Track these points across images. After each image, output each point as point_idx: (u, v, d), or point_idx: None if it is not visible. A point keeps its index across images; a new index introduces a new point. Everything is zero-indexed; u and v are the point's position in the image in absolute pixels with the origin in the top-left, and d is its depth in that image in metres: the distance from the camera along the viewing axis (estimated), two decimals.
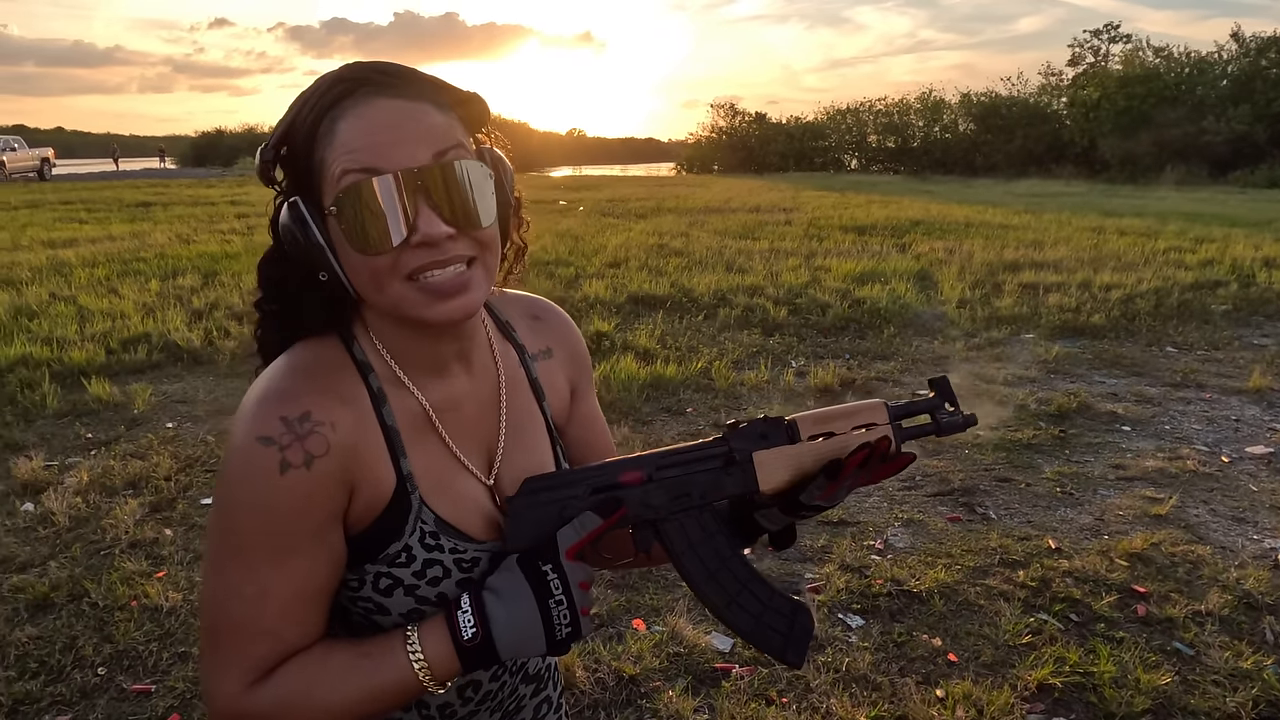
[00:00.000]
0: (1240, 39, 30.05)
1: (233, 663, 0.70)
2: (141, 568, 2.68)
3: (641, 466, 0.76)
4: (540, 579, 0.71)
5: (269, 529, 0.69)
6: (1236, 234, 10.63)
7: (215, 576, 0.70)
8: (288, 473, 0.68)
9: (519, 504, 0.75)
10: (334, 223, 0.68)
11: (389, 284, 0.68)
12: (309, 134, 0.68)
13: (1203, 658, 2.25)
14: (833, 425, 0.77)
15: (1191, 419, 4.22)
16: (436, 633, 0.71)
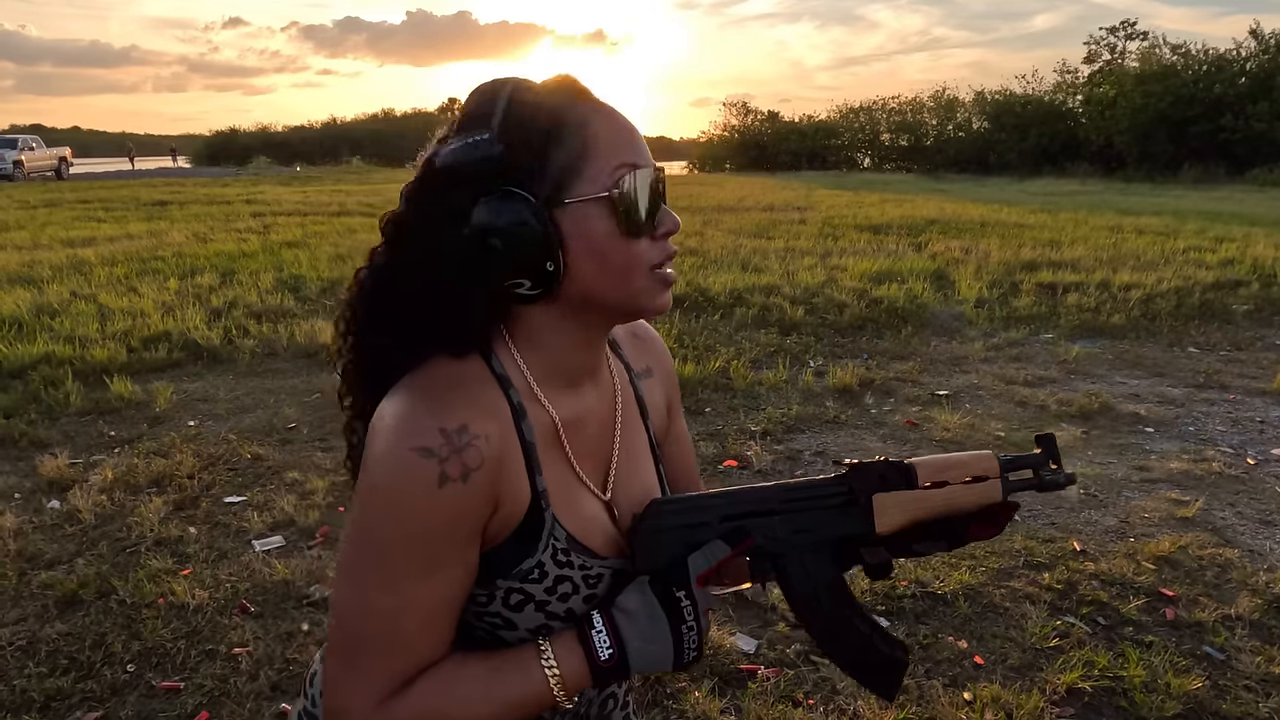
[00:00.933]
0: (1259, 36, 29.69)
1: (368, 677, 0.69)
2: (167, 565, 2.70)
3: (768, 499, 0.79)
4: (674, 604, 0.73)
5: (419, 543, 0.68)
6: (1256, 233, 10.52)
7: (355, 588, 0.69)
8: (445, 486, 0.68)
9: (649, 525, 0.77)
10: (590, 212, 0.70)
11: (637, 274, 0.72)
12: (547, 133, 0.70)
13: (1233, 662, 2.23)
14: (948, 474, 0.81)
15: (1215, 420, 4.18)
16: (570, 649, 0.73)
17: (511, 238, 0.69)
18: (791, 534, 0.79)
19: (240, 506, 3.17)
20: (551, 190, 0.70)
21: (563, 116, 0.71)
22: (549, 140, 0.70)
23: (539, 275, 0.70)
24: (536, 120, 0.70)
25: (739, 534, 0.77)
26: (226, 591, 2.57)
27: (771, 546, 0.78)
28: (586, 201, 0.70)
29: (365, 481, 0.69)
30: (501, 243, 0.69)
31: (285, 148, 50.77)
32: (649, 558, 0.75)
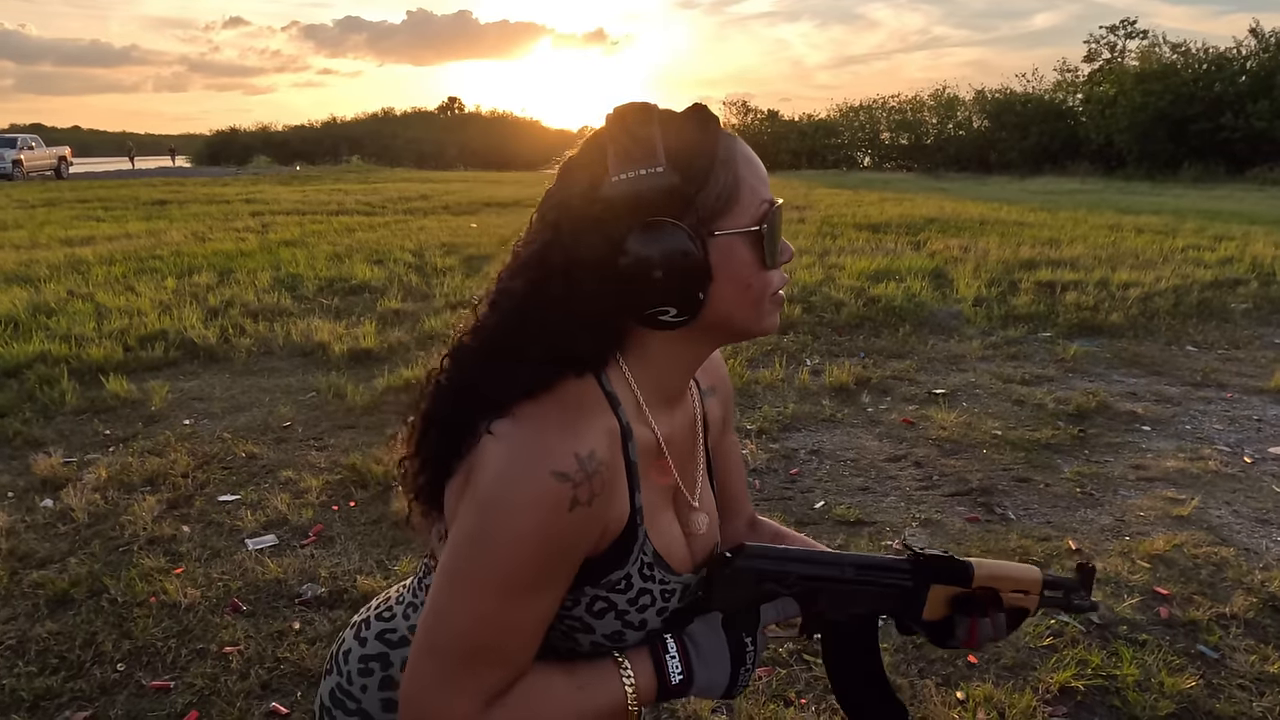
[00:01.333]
0: (1259, 34, 29.66)
1: (470, 687, 0.70)
2: (160, 564, 2.69)
3: (844, 569, 0.86)
4: (740, 648, 0.80)
5: (542, 561, 0.70)
6: (1255, 232, 10.51)
7: (467, 601, 0.69)
8: (575, 510, 0.69)
9: (738, 566, 0.82)
10: (737, 244, 0.73)
11: (764, 300, 0.77)
12: (706, 164, 0.72)
13: (1227, 661, 2.22)
14: (999, 583, 0.88)
15: (1213, 419, 4.17)
16: (645, 668, 0.77)
17: (672, 269, 0.70)
18: (851, 605, 0.86)
19: (234, 505, 3.16)
20: (701, 221, 0.72)
21: (715, 150, 0.73)
22: (706, 173, 0.72)
23: (688, 304, 0.72)
24: (694, 153, 0.72)
25: (808, 597, 0.83)
26: (218, 590, 2.56)
27: (832, 613, 0.85)
28: (735, 235, 0.73)
29: (490, 494, 0.68)
30: (663, 273, 0.70)
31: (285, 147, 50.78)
32: (727, 597, 0.81)
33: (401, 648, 0.85)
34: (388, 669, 0.84)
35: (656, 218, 0.70)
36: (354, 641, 0.88)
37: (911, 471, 3.52)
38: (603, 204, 0.70)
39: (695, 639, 0.79)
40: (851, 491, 3.33)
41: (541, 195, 0.79)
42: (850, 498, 3.26)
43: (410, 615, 0.86)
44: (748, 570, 0.82)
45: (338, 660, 0.88)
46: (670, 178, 0.70)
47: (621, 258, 0.70)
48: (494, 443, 0.70)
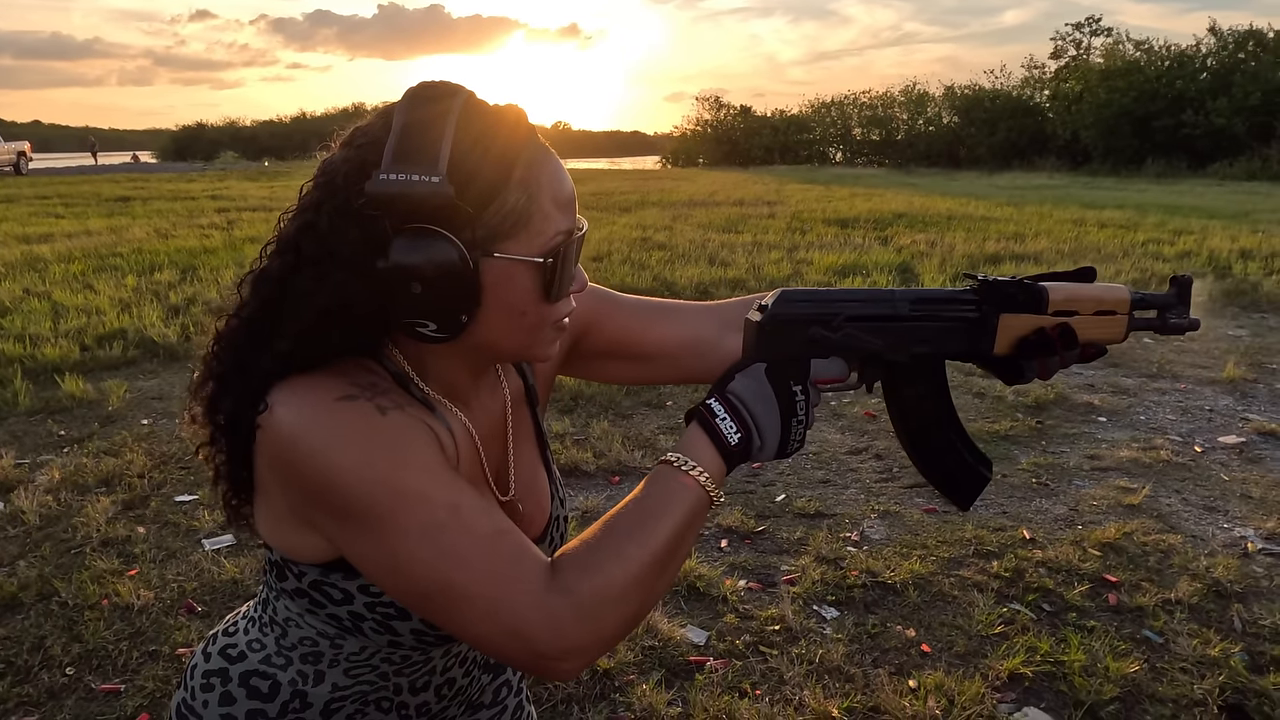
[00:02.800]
0: (1218, 33, 30.29)
1: (503, 576, 0.63)
2: (113, 566, 2.65)
3: (898, 304, 0.76)
4: (789, 397, 0.73)
5: (405, 459, 0.65)
6: (1214, 226, 10.74)
7: (400, 539, 0.63)
8: (388, 414, 0.66)
9: (777, 313, 0.74)
10: (518, 270, 0.68)
11: (543, 329, 0.72)
12: (498, 179, 0.66)
13: (1171, 645, 2.27)
14: (1078, 305, 0.79)
15: (1166, 409, 4.26)
16: (701, 446, 0.71)
17: (433, 285, 0.64)
18: (909, 343, 0.76)
19: (191, 505, 3.12)
20: (483, 236, 0.66)
21: (512, 165, 0.67)
22: (496, 189, 0.66)
23: (449, 325, 0.67)
24: (486, 165, 0.65)
25: (860, 344, 0.75)
26: (173, 591, 2.53)
27: (890, 354, 0.76)
28: (517, 261, 0.67)
29: (300, 451, 0.64)
30: (422, 288, 0.64)
31: (254, 142, 50.10)
32: (769, 348, 0.73)
33: (240, 663, 0.81)
34: (227, 684, 0.81)
35: (425, 225, 0.63)
36: (200, 656, 0.85)
37: (872, 464, 3.56)
38: (366, 199, 0.63)
39: (738, 392, 0.72)
40: (813, 484, 3.36)
41: None
42: (811, 490, 3.29)
43: (251, 630, 0.82)
44: (787, 317, 0.73)
45: (186, 674, 0.86)
46: (443, 191, 0.63)
47: (380, 261, 0.64)
48: (275, 410, 0.65)
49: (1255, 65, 28.18)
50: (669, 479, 0.69)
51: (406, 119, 0.65)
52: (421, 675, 0.83)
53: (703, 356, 0.91)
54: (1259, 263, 8.03)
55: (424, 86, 0.67)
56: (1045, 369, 0.78)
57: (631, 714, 2.01)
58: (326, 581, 0.73)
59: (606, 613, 0.64)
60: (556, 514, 0.88)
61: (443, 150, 0.63)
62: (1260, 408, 4.28)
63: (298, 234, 0.68)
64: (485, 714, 0.95)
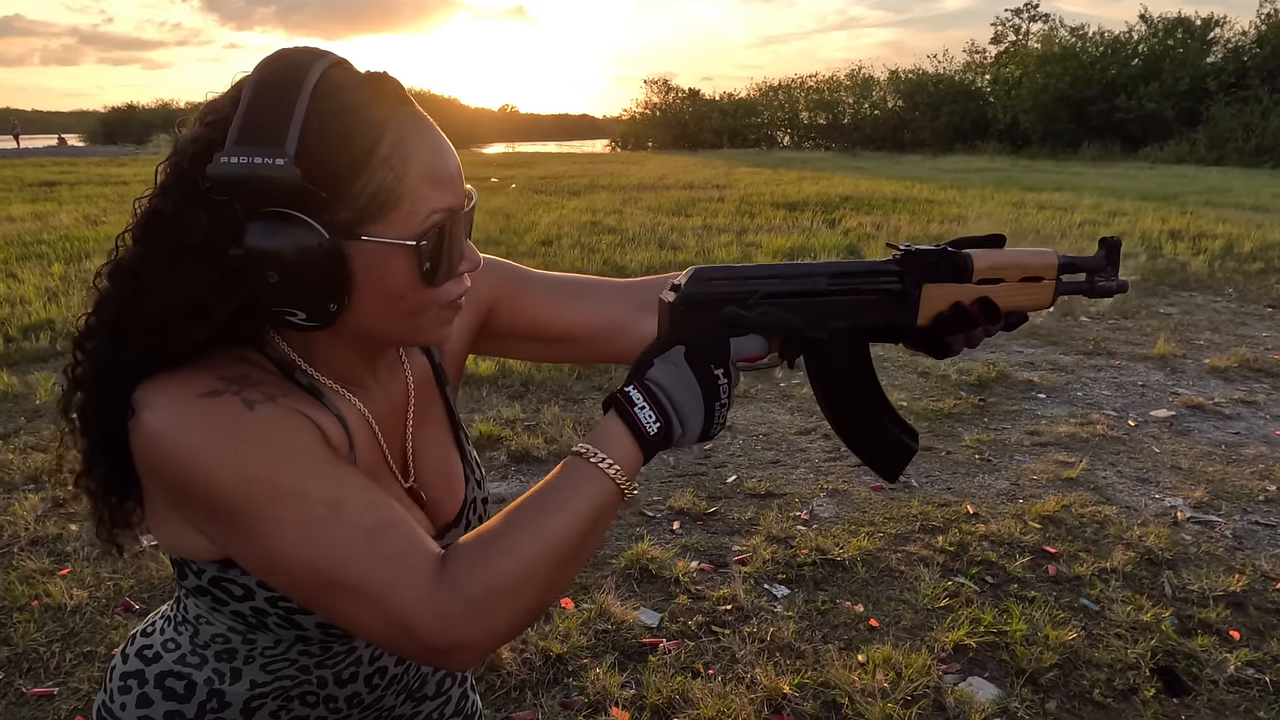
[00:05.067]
0: (1149, 20, 31.24)
1: (388, 571, 0.61)
2: (43, 565, 2.55)
3: (816, 279, 0.74)
4: (711, 380, 0.70)
5: (277, 454, 0.62)
6: (1146, 208, 11.11)
7: (277, 538, 0.61)
8: (256, 409, 0.63)
9: (690, 293, 0.71)
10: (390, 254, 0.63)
11: (427, 312, 0.68)
12: (355, 160, 0.61)
13: (1107, 613, 2.36)
14: (1004, 272, 0.77)
15: (1102, 385, 4.41)
16: (615, 435, 0.67)
17: (293, 273, 0.60)
18: (830, 317, 0.74)
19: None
20: (347, 219, 0.61)
21: (377, 139, 0.61)
22: (356, 169, 0.61)
23: (318, 313, 0.63)
24: (345, 143, 0.60)
25: (778, 323, 0.73)
26: (109, 590, 2.44)
27: (810, 331, 0.74)
28: (387, 244, 0.63)
29: (172, 455, 0.61)
30: (280, 276, 0.60)
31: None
32: (685, 329, 0.71)
33: (155, 663, 0.79)
34: (143, 686, 0.78)
35: (279, 210, 0.59)
36: (120, 657, 0.83)
37: (821, 444, 3.61)
38: (211, 181, 0.59)
39: (658, 380, 0.69)
40: (763, 465, 3.39)
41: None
42: (761, 471, 3.32)
43: (167, 629, 0.80)
44: (701, 296, 0.70)
45: (106, 676, 0.83)
46: (290, 174, 0.58)
47: (232, 248, 0.59)
48: (141, 412, 0.62)
49: (1183, 52, 29.16)
50: (577, 470, 0.66)
51: (254, 94, 0.60)
52: (347, 666, 0.80)
53: (617, 338, 0.89)
54: (1187, 243, 8.33)
55: (278, 56, 0.62)
56: (971, 340, 0.77)
57: (585, 698, 2.01)
58: (225, 578, 0.71)
59: (498, 606, 0.62)
60: (473, 497, 0.86)
61: (292, 128, 0.59)
62: (1189, 382, 4.45)
63: (147, 221, 0.64)
64: (430, 705, 0.93)
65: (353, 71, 0.64)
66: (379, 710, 0.86)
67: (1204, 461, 3.41)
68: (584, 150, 44.39)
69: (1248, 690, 2.05)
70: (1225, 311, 6.03)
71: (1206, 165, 22.38)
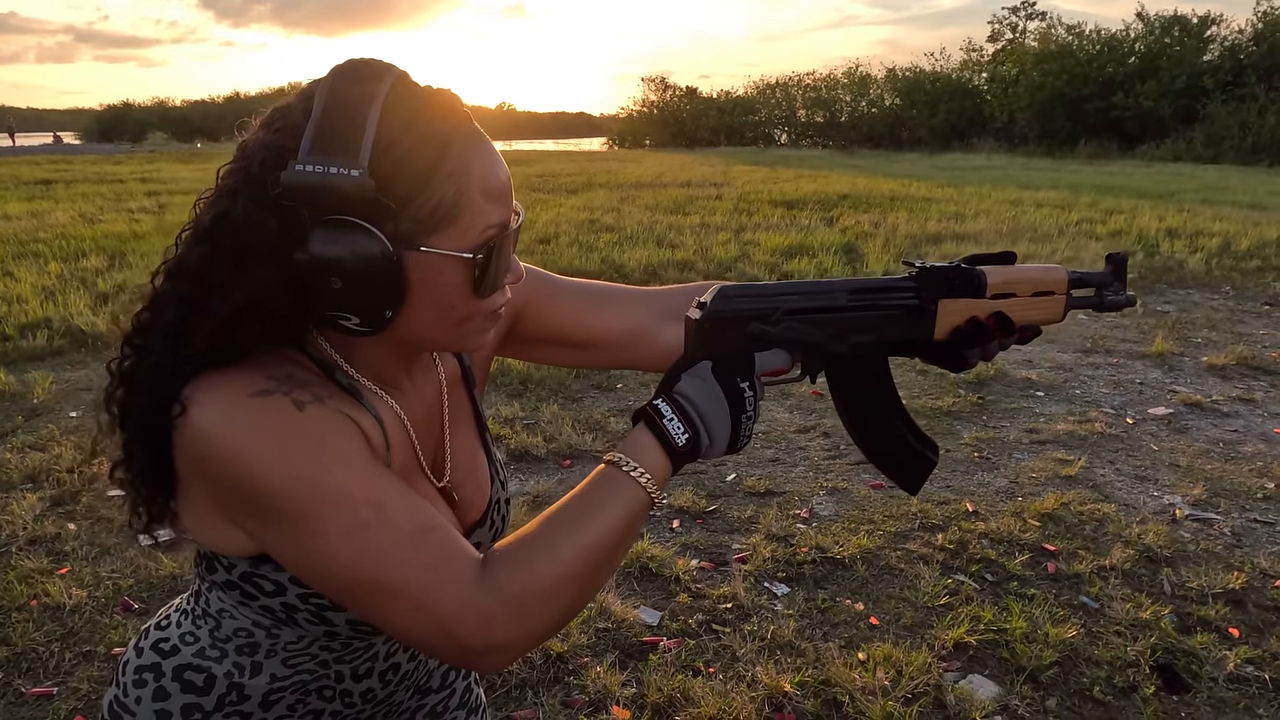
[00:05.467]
0: (1145, 18, 31.26)
1: (430, 573, 0.62)
2: (42, 565, 2.54)
3: (836, 295, 0.77)
4: (738, 394, 0.73)
5: (324, 455, 0.63)
6: (1143, 205, 11.12)
7: (321, 538, 0.62)
8: (305, 409, 0.64)
9: (716, 310, 0.74)
10: (446, 265, 0.65)
11: (473, 321, 0.70)
12: (425, 171, 0.63)
13: (1106, 610, 2.36)
14: (1016, 287, 0.80)
15: (1100, 383, 4.41)
16: (645, 446, 0.70)
17: (354, 280, 0.62)
18: (851, 333, 0.77)
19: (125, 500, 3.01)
20: (409, 229, 0.63)
21: (441, 155, 0.64)
22: (422, 182, 0.63)
23: (373, 319, 0.65)
24: (414, 156, 0.62)
25: (799, 339, 0.75)
26: (108, 589, 2.44)
27: (830, 345, 0.76)
28: (445, 255, 0.65)
29: (221, 449, 0.62)
30: (342, 283, 0.62)
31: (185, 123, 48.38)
32: (711, 345, 0.73)
33: (173, 656, 0.79)
34: (160, 679, 0.78)
35: (345, 217, 0.61)
36: (132, 651, 0.83)
37: (820, 442, 3.61)
38: (283, 188, 0.60)
39: (686, 393, 0.72)
40: (762, 463, 3.39)
41: None
42: (761, 469, 3.32)
43: (184, 623, 0.80)
44: (727, 313, 0.74)
45: (118, 671, 0.83)
46: (365, 185, 0.60)
47: (298, 253, 0.61)
48: (190, 409, 0.63)
49: (1180, 50, 29.18)
50: (610, 479, 0.69)
51: (327, 103, 0.62)
52: (364, 662, 0.81)
53: (640, 346, 0.91)
54: (1184, 241, 8.34)
55: (349, 66, 0.64)
56: (986, 354, 0.80)
57: (586, 696, 2.01)
58: (257, 573, 0.71)
59: (536, 609, 0.64)
60: (497, 497, 0.87)
61: (365, 139, 0.60)
62: (1186, 380, 4.46)
63: (213, 223, 0.65)
64: (434, 698, 0.94)
65: (417, 86, 0.66)
66: (389, 705, 0.87)
67: (1202, 459, 3.42)
68: (581, 148, 44.35)
69: (1247, 687, 2.05)
70: (1223, 309, 6.04)
71: (1203, 163, 22.41)
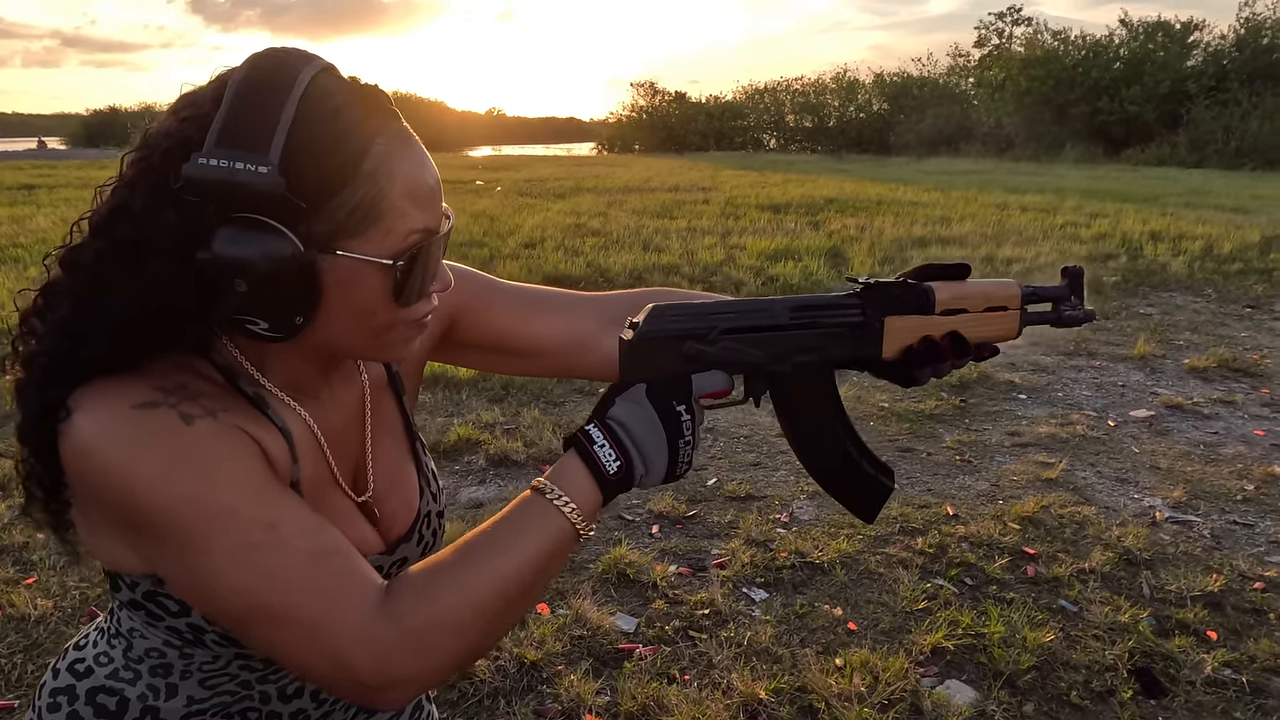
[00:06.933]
0: (1129, 24, 31.53)
1: (325, 601, 0.58)
2: (8, 574, 2.50)
3: (776, 314, 0.74)
4: (674, 418, 0.69)
5: (211, 472, 0.59)
6: (1127, 209, 11.18)
7: (206, 560, 0.58)
8: (194, 424, 0.60)
9: (648, 331, 0.70)
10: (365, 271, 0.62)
11: (394, 330, 0.66)
12: (343, 171, 0.59)
13: (1085, 614, 2.35)
14: (967, 303, 0.77)
15: (1082, 386, 4.42)
16: (574, 473, 0.67)
17: (262, 283, 0.58)
18: (794, 352, 0.73)
19: None
20: (324, 231, 0.60)
21: (363, 152, 0.60)
22: (340, 181, 0.59)
23: (282, 325, 0.61)
24: (331, 154, 0.59)
25: (737, 358, 0.72)
26: (74, 599, 2.39)
27: (772, 366, 0.73)
28: (363, 261, 0.61)
29: (103, 463, 0.58)
30: (248, 285, 0.58)
31: None
32: (645, 367, 0.70)
33: (87, 678, 0.75)
34: (74, 703, 0.75)
35: (253, 216, 0.57)
36: (50, 673, 0.79)
37: None
38: (184, 182, 0.56)
39: (620, 418, 0.68)
40: (744, 467, 3.37)
41: (443, 176, 0.70)
42: (742, 473, 3.30)
43: (100, 642, 0.77)
44: (660, 333, 0.70)
45: (35, 695, 0.80)
46: (273, 183, 0.56)
47: (201, 252, 0.57)
48: (74, 417, 0.59)
49: (1164, 55, 29.43)
50: (534, 508, 0.65)
51: (239, 93, 0.58)
52: (292, 681, 0.77)
53: (584, 354, 0.87)
54: (1168, 244, 8.38)
55: (268, 55, 0.60)
56: (938, 373, 0.78)
57: (559, 705, 1.99)
58: (160, 592, 0.68)
59: (439, 643, 0.60)
60: (427, 510, 0.83)
61: (277, 134, 0.57)
62: (1168, 382, 4.47)
63: (110, 215, 0.61)
64: (381, 717, 0.90)
65: (342, 80, 0.62)
66: None
67: (1183, 461, 3.42)
68: (571, 153, 44.37)
69: (1225, 691, 2.04)
70: (1205, 312, 6.06)
71: (1187, 167, 22.59)
